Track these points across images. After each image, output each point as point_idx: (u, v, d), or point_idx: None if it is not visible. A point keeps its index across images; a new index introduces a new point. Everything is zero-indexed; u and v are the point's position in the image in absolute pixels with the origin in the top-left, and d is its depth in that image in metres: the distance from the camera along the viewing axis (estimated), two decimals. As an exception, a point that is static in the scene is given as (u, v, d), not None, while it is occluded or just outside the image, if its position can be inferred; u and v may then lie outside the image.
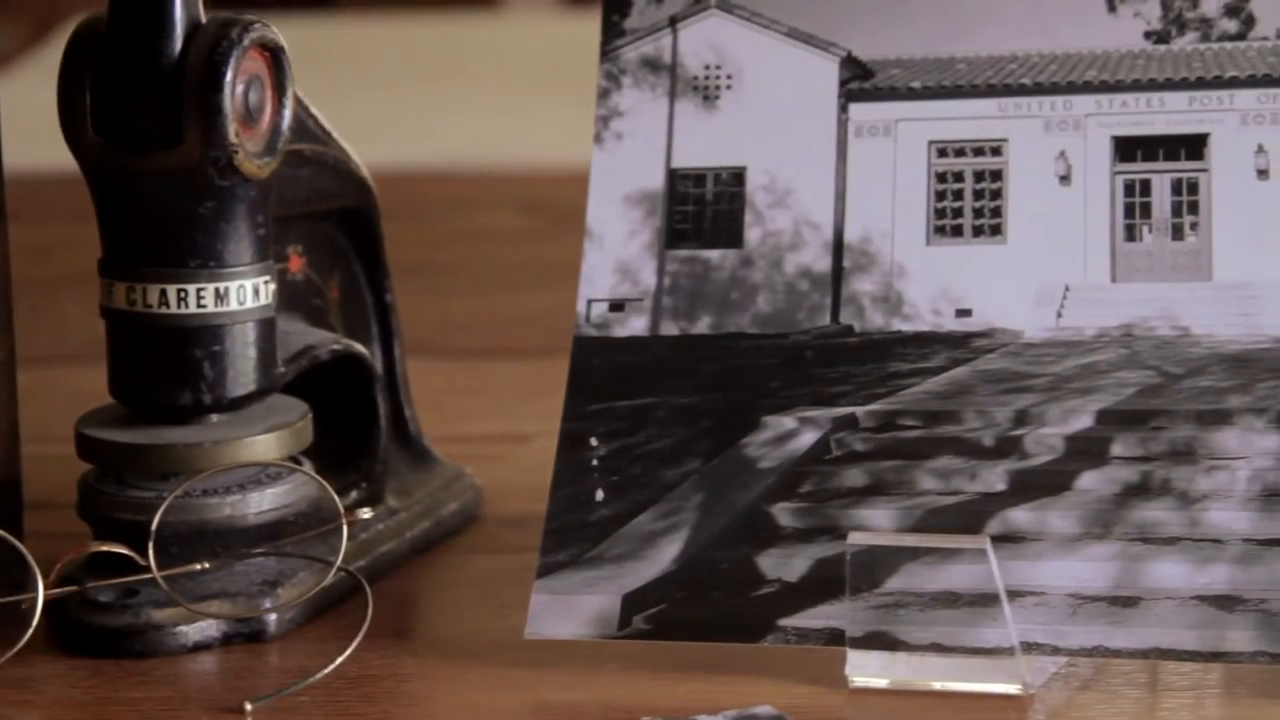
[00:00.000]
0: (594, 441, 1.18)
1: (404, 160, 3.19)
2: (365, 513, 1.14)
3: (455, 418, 1.76)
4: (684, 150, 1.30)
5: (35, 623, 1.05)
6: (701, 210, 1.29)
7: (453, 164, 3.13)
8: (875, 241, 1.25)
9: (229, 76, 1.06)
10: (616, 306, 1.29)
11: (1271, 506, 1.08)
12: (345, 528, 1.12)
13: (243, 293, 1.11)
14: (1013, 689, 1.03)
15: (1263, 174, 1.24)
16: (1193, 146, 1.25)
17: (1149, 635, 1.05)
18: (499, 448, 1.53)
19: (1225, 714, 1.02)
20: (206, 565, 1.11)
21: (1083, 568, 1.08)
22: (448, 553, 1.33)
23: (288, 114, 1.13)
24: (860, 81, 1.31)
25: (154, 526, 1.06)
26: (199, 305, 1.09)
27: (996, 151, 1.26)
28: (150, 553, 1.06)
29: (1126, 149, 1.26)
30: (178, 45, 1.07)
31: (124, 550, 1.07)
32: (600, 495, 1.15)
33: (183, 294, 1.09)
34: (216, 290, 1.10)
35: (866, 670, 1.05)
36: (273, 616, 1.13)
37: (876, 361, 1.23)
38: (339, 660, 1.04)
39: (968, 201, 1.27)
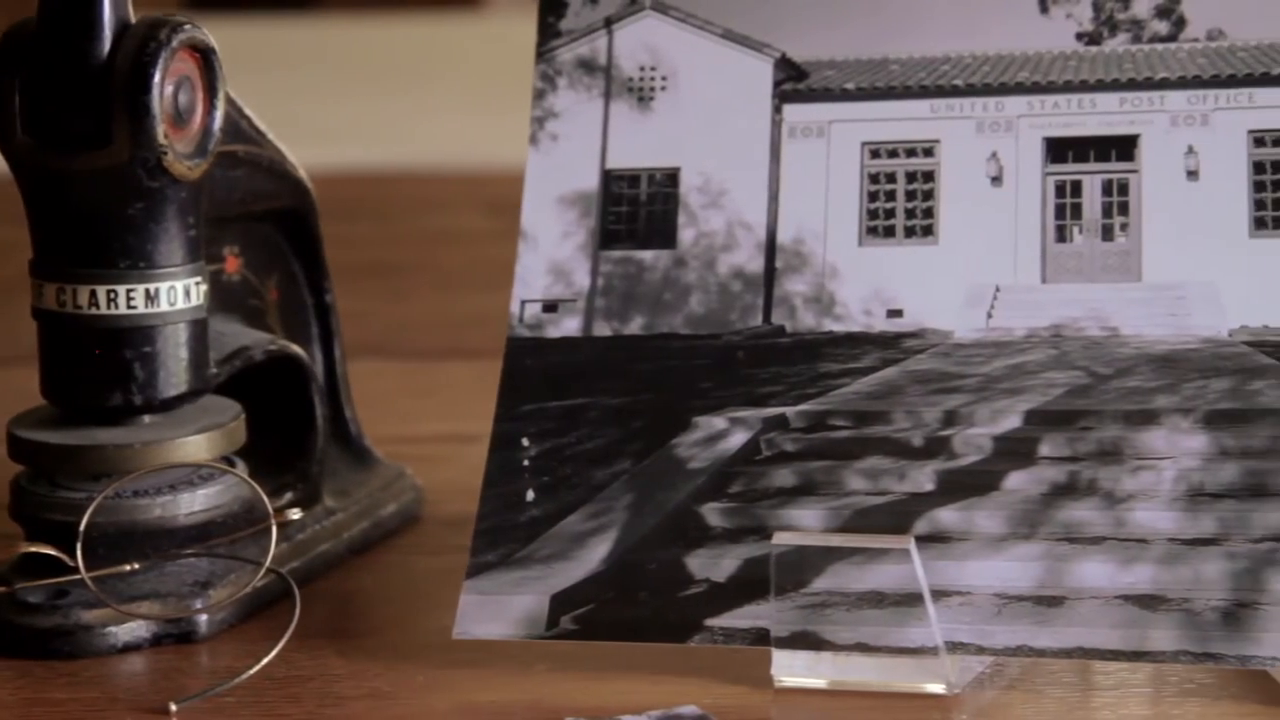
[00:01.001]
0: (525, 442, 1.18)
1: (375, 161, 3.18)
2: (295, 513, 1.14)
3: (405, 418, 1.76)
4: (618, 151, 1.30)
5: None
6: (635, 211, 1.29)
7: (425, 165, 3.12)
8: (808, 242, 1.26)
9: (157, 78, 1.06)
10: (550, 307, 1.30)
11: (1196, 506, 1.09)
12: (275, 529, 1.11)
13: (173, 294, 1.11)
14: (937, 688, 1.03)
15: (1192, 175, 1.24)
16: (1123, 147, 1.25)
17: (1073, 635, 1.05)
18: (445, 448, 1.53)
19: (1148, 713, 1.02)
20: (136, 566, 1.11)
21: (1008, 567, 1.08)
22: (386, 553, 1.33)
23: (219, 115, 1.13)
24: (794, 83, 1.31)
25: (82, 527, 1.06)
26: (129, 306, 1.09)
27: (929, 153, 1.27)
28: (78, 554, 1.06)
29: (1058, 150, 1.26)
30: (106, 46, 1.07)
31: (53, 551, 1.07)
32: (531, 496, 1.16)
33: (112, 295, 1.09)
34: (147, 291, 1.09)
35: (792, 670, 1.05)
36: (203, 617, 1.13)
37: (807, 362, 1.23)
38: (264, 661, 1.04)
39: (900, 202, 1.27)
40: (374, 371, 1.56)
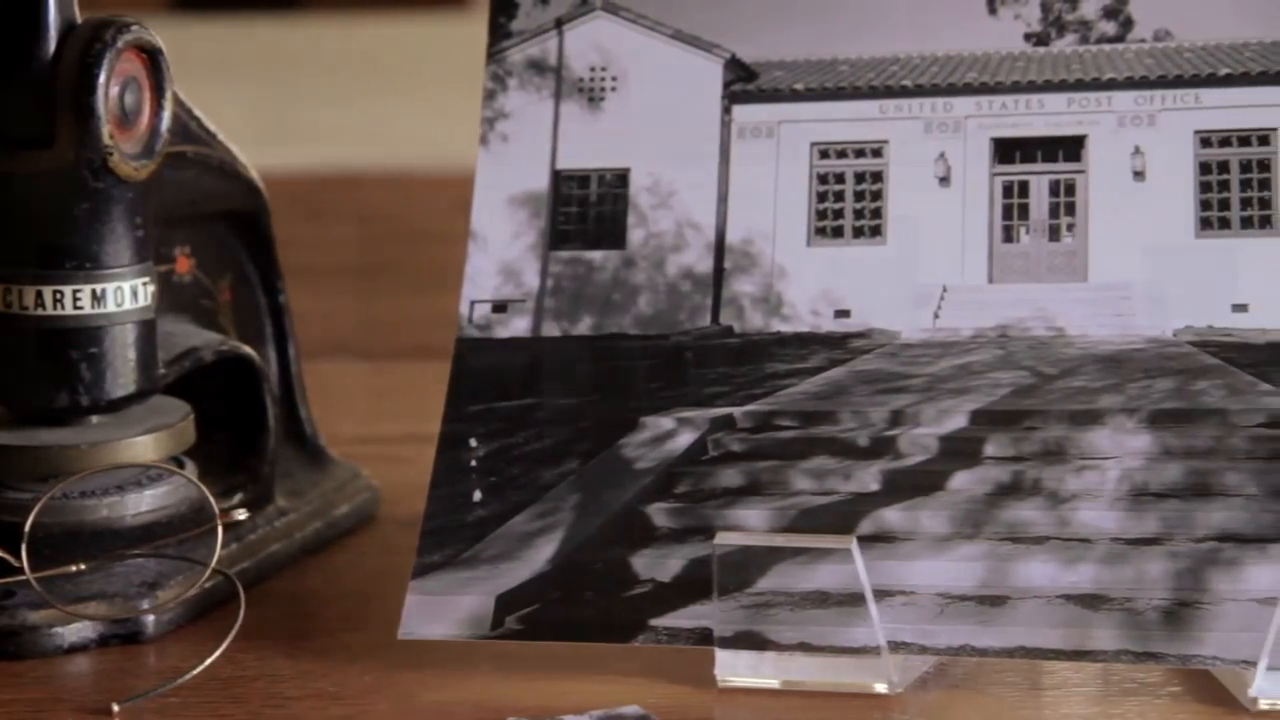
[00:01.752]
0: (473, 442, 1.18)
1: (354, 161, 3.18)
2: (241, 514, 1.14)
3: (366, 418, 1.76)
4: (569, 152, 1.30)
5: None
6: (585, 211, 1.29)
7: (405, 165, 3.12)
8: (757, 243, 1.26)
9: (102, 79, 1.06)
10: (499, 308, 1.30)
11: (1139, 506, 1.09)
12: (220, 529, 1.11)
13: (120, 294, 1.11)
14: (880, 688, 1.03)
15: (1139, 175, 1.25)
16: (1070, 148, 1.26)
17: (1016, 634, 1.05)
18: (405, 448, 1.53)
19: (1090, 712, 1.03)
20: (83, 567, 1.11)
21: (952, 567, 1.09)
22: (339, 553, 1.33)
23: (166, 116, 1.13)
24: (744, 83, 1.31)
25: (27, 528, 1.06)
26: (75, 307, 1.09)
27: (877, 153, 1.27)
28: (23, 554, 1.06)
29: (1005, 150, 1.27)
30: (51, 47, 1.07)
31: (-2, 552, 1.07)
32: (478, 496, 1.16)
33: (59, 295, 1.09)
34: (93, 292, 1.09)
35: (735, 670, 1.05)
36: (150, 618, 1.13)
37: (755, 362, 1.23)
38: (207, 662, 1.04)
39: (848, 203, 1.28)
40: (341, 371, 1.56)
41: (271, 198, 1.34)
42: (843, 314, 1.19)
